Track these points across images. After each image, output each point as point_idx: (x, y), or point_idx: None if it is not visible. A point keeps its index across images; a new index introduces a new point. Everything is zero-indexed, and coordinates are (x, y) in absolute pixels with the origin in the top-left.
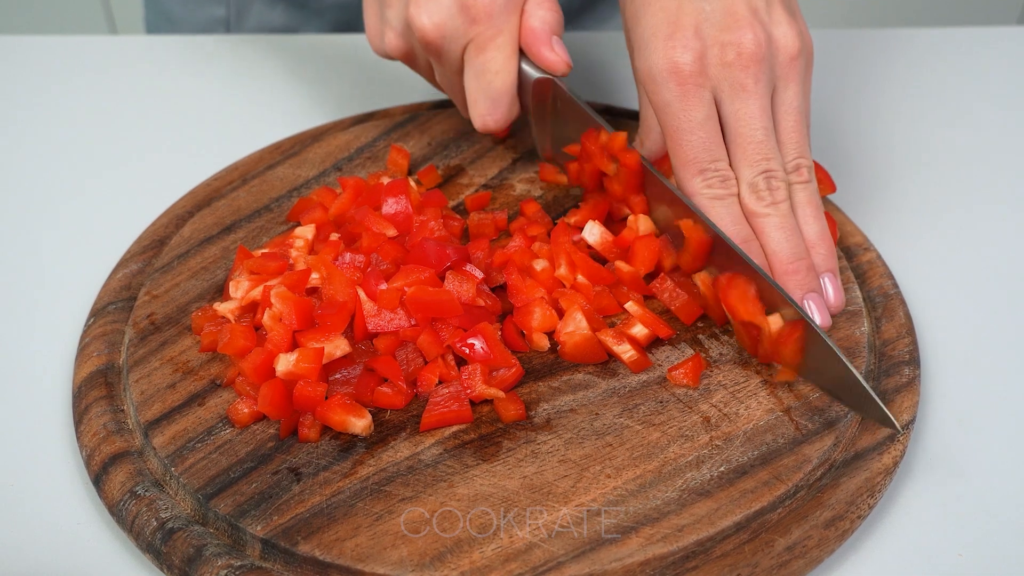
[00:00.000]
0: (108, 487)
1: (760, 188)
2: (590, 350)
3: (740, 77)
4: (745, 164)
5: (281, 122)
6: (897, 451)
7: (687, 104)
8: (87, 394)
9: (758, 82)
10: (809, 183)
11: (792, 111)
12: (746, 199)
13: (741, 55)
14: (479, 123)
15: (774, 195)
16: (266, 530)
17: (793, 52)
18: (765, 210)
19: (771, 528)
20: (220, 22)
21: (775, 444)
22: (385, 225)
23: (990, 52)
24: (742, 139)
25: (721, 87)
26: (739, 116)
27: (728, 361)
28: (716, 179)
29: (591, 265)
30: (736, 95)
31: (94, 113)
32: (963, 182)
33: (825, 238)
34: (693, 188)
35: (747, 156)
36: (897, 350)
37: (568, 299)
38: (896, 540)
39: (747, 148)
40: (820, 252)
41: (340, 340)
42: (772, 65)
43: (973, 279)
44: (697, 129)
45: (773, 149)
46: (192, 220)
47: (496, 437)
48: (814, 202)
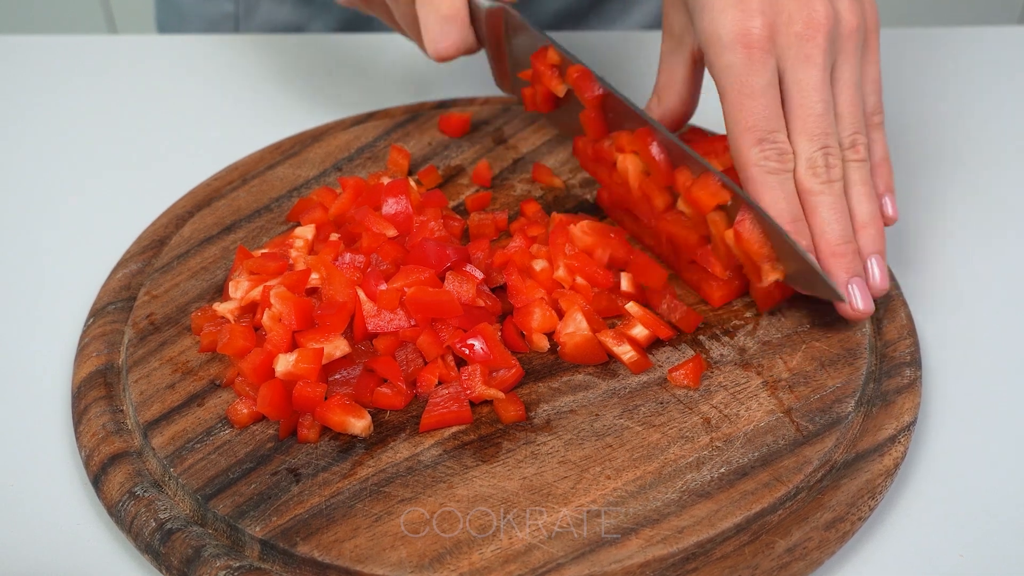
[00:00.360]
0: (107, 487)
1: (818, 164)
2: (590, 351)
3: (807, 48)
4: (805, 137)
5: (281, 122)
6: (898, 452)
7: (752, 69)
8: (86, 394)
9: (823, 54)
10: (865, 161)
11: (849, 85)
12: (802, 175)
13: (810, 26)
14: (431, 50)
15: (831, 173)
16: (265, 531)
17: (852, 26)
18: (820, 187)
19: (771, 530)
20: (229, 17)
21: (775, 445)
22: (385, 225)
23: (992, 52)
24: (803, 111)
25: (786, 56)
26: (802, 87)
27: (729, 362)
28: (774, 152)
29: (590, 267)
30: (800, 65)
31: (94, 113)
32: (965, 182)
33: (876, 219)
34: (749, 158)
35: (807, 129)
36: (898, 351)
37: (568, 300)
38: (897, 541)
39: (808, 120)
40: (869, 233)
41: (340, 340)
42: (835, 39)
43: (975, 280)
44: (760, 95)
45: (832, 124)
46: (192, 220)
47: (496, 438)
48: (868, 181)
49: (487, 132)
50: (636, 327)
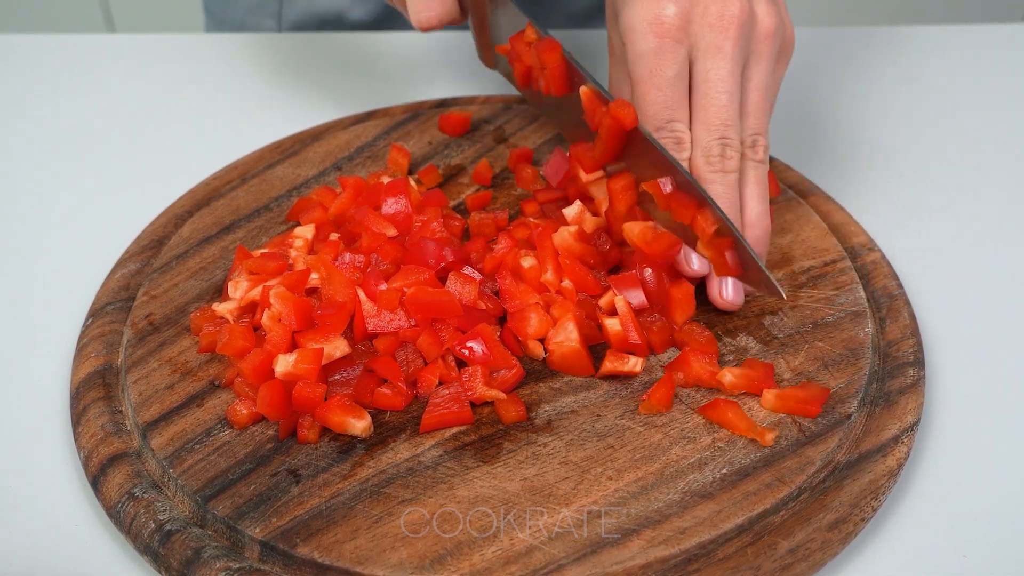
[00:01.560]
0: (106, 488)
1: (713, 153)
2: (577, 362)
3: (719, 39)
4: (704, 127)
5: (281, 121)
6: (901, 453)
7: (661, 58)
8: (85, 395)
9: (735, 47)
10: (762, 163)
11: (759, 87)
12: (696, 162)
13: (723, 18)
14: (415, 19)
15: (725, 164)
16: (265, 532)
17: (769, 30)
18: (711, 176)
19: (774, 531)
20: (271, 0)
21: (778, 446)
22: (385, 225)
23: (997, 49)
24: (707, 100)
25: (698, 46)
26: (708, 77)
27: (731, 363)
28: (670, 140)
29: (579, 271)
30: (710, 55)
31: (92, 112)
32: (969, 181)
33: (763, 221)
34: None
35: (708, 119)
36: (902, 351)
37: (561, 307)
38: (900, 542)
39: (709, 110)
40: (755, 233)
41: (339, 341)
42: (749, 38)
43: (978, 279)
44: (665, 86)
45: (734, 117)
46: (191, 220)
47: (497, 439)
48: (762, 183)
49: (487, 131)
50: (614, 323)
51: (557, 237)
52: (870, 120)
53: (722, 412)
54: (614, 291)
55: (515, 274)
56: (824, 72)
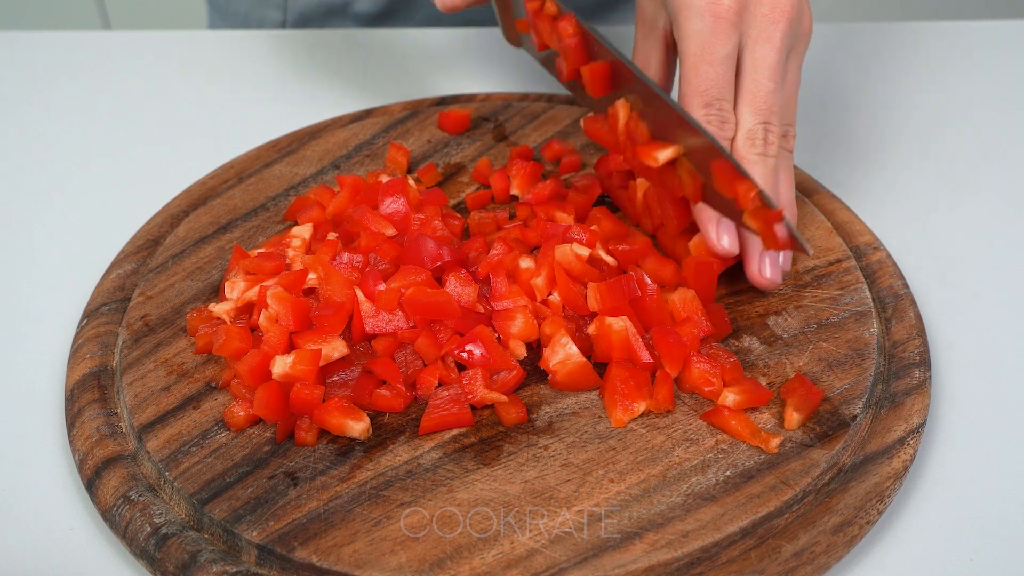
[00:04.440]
0: (101, 492)
1: (757, 136)
2: (585, 377)
3: (771, 29)
4: (750, 110)
5: (278, 119)
6: (907, 455)
7: (716, 37)
8: (80, 397)
9: (783, 38)
10: (791, 154)
11: (793, 82)
12: (739, 144)
13: (776, 9)
14: (440, 2)
15: (767, 148)
16: (262, 536)
17: (808, 28)
18: (755, 158)
19: (778, 534)
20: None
21: (782, 448)
22: (384, 224)
23: (1007, 47)
24: (755, 85)
25: (749, 33)
26: (757, 63)
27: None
28: (716, 118)
29: (571, 288)
30: (761, 42)
31: (87, 110)
32: (975, 181)
33: (793, 207)
34: (694, 117)
35: (755, 103)
36: (907, 352)
37: (552, 324)
38: (906, 545)
39: (758, 95)
40: (787, 216)
41: (338, 342)
42: (795, 33)
43: (985, 279)
44: (717, 63)
45: (778, 105)
46: (187, 219)
47: (497, 441)
48: (791, 172)
49: (487, 129)
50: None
51: (559, 251)
52: (875, 119)
53: (725, 419)
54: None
55: (511, 275)
56: (828, 70)
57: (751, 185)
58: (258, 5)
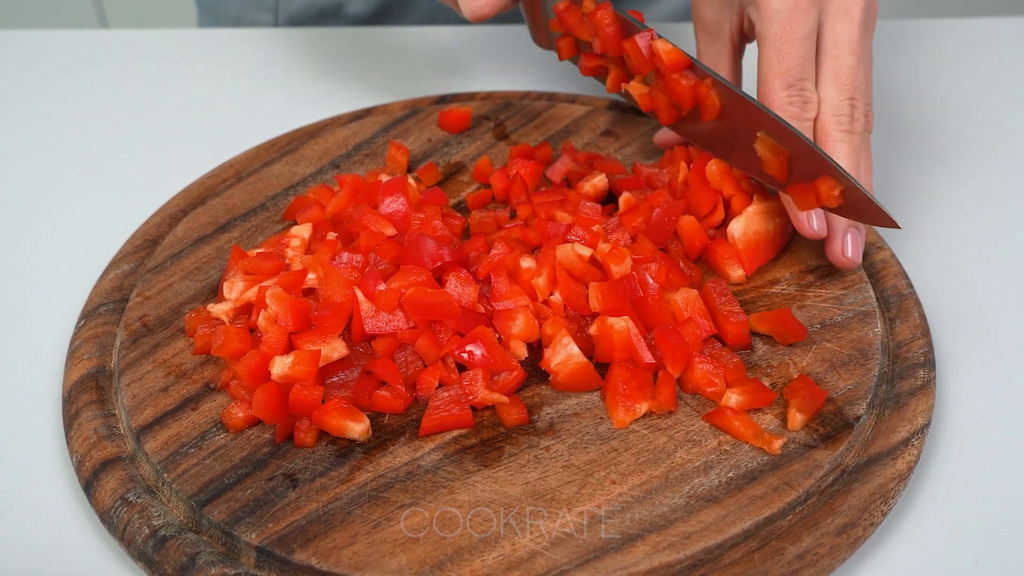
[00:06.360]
0: (99, 494)
1: (843, 112)
2: (587, 378)
3: (849, 4)
4: (835, 85)
5: (277, 118)
6: (911, 456)
7: (796, 16)
8: (78, 398)
9: (863, 14)
10: (870, 134)
11: (868, 60)
12: (825, 120)
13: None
14: (467, 9)
15: (853, 124)
16: (261, 538)
17: (876, 8)
18: (841, 135)
19: (781, 535)
20: None
21: (785, 449)
22: (384, 224)
23: (1011, 44)
24: (838, 61)
25: (828, 9)
26: (838, 39)
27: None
28: (799, 99)
29: (572, 288)
30: (841, 19)
31: (85, 109)
32: (979, 179)
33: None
34: (775, 100)
35: (840, 78)
36: (911, 352)
37: (553, 324)
38: (910, 547)
39: (841, 71)
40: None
41: (337, 342)
42: (870, 10)
43: (990, 278)
44: (799, 42)
45: (863, 80)
46: (186, 219)
47: (498, 442)
48: (870, 154)
49: (488, 128)
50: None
51: (560, 251)
52: (879, 115)
53: (728, 420)
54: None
55: (511, 275)
56: None
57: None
58: (249, 7)
